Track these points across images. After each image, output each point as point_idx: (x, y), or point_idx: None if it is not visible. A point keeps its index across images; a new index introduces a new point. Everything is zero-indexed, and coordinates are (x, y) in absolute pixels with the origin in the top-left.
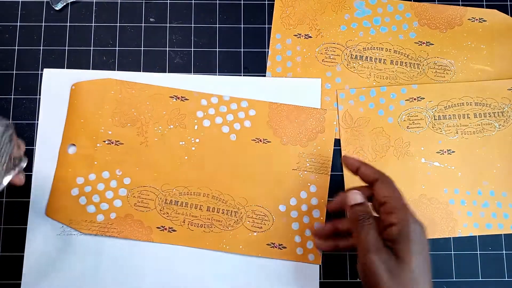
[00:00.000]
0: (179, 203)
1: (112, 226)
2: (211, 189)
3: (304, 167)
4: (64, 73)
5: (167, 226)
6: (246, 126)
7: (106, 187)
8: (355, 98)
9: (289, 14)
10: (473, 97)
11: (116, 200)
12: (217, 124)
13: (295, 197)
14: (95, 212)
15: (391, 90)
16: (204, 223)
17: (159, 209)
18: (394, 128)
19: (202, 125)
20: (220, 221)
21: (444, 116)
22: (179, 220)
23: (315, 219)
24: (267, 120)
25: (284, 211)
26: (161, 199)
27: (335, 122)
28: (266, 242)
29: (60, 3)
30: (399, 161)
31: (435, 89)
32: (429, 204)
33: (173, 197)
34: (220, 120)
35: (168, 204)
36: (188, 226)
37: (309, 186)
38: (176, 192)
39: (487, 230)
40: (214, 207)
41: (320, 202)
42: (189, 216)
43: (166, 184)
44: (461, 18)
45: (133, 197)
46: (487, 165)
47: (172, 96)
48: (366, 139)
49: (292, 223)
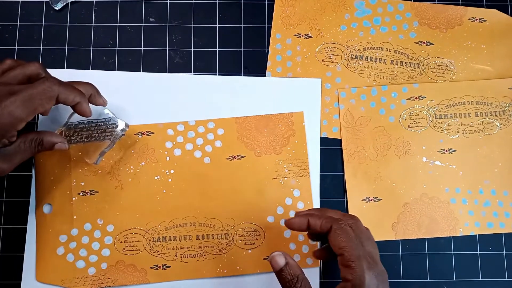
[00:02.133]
0: (167, 238)
1: (105, 277)
2: (196, 216)
3: (283, 174)
4: (64, 73)
5: (160, 264)
6: (218, 146)
7: (91, 239)
8: (356, 97)
9: (289, 14)
10: (474, 96)
11: (104, 249)
12: (188, 151)
13: (281, 206)
14: (85, 266)
15: (392, 89)
16: (197, 252)
17: (149, 248)
18: (395, 127)
19: (174, 155)
20: (212, 247)
21: (446, 115)
22: (171, 255)
23: None
24: (237, 135)
25: (273, 222)
26: (148, 238)
27: (303, 123)
28: (262, 257)
29: (60, 3)
30: (400, 160)
31: (436, 88)
32: (430, 203)
33: (160, 233)
34: (191, 146)
35: (157, 241)
36: (182, 259)
37: (292, 191)
38: (162, 227)
39: (489, 229)
40: (203, 234)
41: (306, 205)
42: (180, 249)
43: (150, 222)
44: (461, 18)
45: (119, 242)
46: (489, 164)
47: (137, 133)
48: (367, 138)
49: (283, 232)
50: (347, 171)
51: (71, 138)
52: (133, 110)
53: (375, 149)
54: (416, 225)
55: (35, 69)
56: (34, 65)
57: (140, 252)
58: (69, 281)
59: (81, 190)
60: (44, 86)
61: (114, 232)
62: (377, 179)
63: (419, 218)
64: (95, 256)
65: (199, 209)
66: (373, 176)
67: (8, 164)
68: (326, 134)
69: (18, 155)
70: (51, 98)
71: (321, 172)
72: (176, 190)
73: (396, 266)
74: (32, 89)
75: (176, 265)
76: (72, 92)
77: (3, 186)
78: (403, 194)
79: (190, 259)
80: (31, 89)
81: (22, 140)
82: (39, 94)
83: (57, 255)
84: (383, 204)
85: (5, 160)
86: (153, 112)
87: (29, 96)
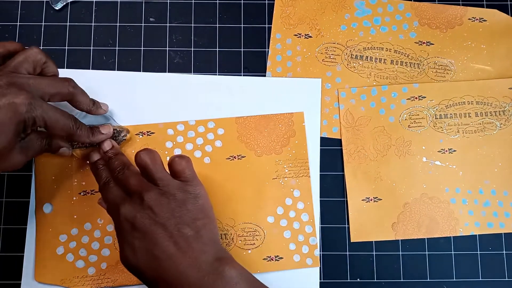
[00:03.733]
0: None
1: (105, 276)
2: None
3: (283, 174)
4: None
5: None
6: (218, 146)
7: (90, 239)
8: (356, 97)
9: (289, 13)
10: (474, 96)
11: (104, 249)
12: (188, 151)
13: (281, 206)
14: (85, 266)
15: (392, 89)
16: None
17: None
18: (395, 127)
19: (174, 154)
20: None
21: (446, 115)
22: None
23: (305, 223)
24: (237, 135)
25: (273, 222)
26: None
27: (304, 124)
28: (261, 257)
29: (60, 3)
30: (400, 160)
31: (436, 88)
32: (431, 203)
33: None
34: (191, 146)
35: None
36: None
37: (292, 191)
38: None
39: (489, 229)
40: None
41: (306, 205)
42: None
43: None
44: (462, 18)
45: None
46: (489, 164)
47: (138, 133)
48: (367, 138)
49: (283, 232)
50: (347, 171)
51: (73, 143)
52: (133, 110)
53: (375, 149)
54: (416, 225)
55: (38, 56)
56: (35, 51)
57: None
58: (69, 280)
59: (81, 190)
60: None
61: (114, 231)
62: (377, 179)
63: (419, 218)
64: (95, 256)
65: None
66: (373, 176)
67: (24, 156)
68: (326, 134)
69: (31, 149)
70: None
71: (321, 172)
72: None
73: (396, 266)
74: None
75: None
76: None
77: (3, 186)
78: (403, 194)
79: None
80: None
81: (36, 136)
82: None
83: (57, 255)
84: (383, 204)
85: (22, 152)
86: (153, 112)
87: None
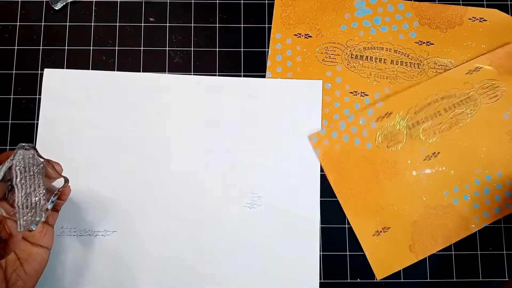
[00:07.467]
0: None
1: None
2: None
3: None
4: (64, 73)
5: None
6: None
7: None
8: (327, 137)
9: (289, 13)
10: (437, 93)
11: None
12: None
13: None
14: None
15: (357, 117)
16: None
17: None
18: (375, 152)
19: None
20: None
21: (417, 122)
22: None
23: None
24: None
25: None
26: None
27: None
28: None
29: (59, 3)
30: (392, 182)
31: (399, 99)
32: (436, 213)
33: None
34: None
35: None
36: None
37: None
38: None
39: (498, 214)
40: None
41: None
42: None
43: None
44: (462, 17)
45: None
46: (474, 153)
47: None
48: (353, 172)
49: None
50: (348, 212)
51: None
52: (132, 110)
53: (365, 181)
54: (432, 239)
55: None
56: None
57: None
58: None
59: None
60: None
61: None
62: (378, 209)
63: (431, 231)
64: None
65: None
66: (374, 208)
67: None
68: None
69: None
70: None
71: (321, 172)
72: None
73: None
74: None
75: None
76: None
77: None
78: (408, 214)
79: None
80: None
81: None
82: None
83: None
84: (393, 232)
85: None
86: (153, 112)
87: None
